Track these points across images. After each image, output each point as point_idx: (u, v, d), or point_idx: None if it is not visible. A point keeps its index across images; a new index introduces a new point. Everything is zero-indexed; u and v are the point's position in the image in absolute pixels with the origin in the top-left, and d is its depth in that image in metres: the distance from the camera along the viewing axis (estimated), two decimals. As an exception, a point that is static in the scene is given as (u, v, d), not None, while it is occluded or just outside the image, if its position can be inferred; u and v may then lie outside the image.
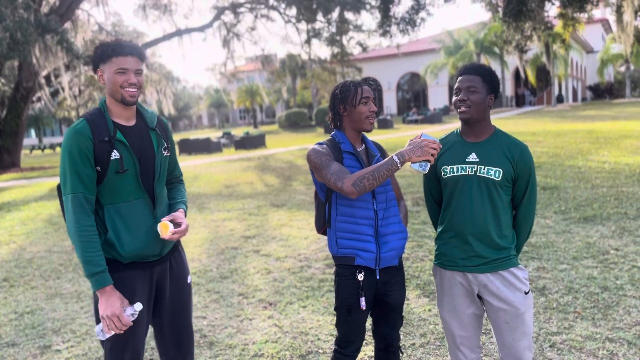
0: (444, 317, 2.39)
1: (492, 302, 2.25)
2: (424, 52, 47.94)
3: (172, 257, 2.33)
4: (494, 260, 2.22)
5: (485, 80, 2.22)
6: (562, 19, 16.39)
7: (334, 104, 2.40)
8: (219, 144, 24.16)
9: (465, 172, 2.24)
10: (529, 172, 2.24)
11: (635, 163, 10.21)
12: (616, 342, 3.31)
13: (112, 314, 2.04)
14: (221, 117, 68.30)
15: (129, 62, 2.11)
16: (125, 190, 2.14)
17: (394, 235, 2.37)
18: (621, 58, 42.08)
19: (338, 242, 2.35)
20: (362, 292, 2.32)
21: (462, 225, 2.24)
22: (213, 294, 4.79)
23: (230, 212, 8.68)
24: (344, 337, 2.42)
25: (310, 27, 24.30)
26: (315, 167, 2.29)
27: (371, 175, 2.13)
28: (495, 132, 2.29)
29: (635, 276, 4.39)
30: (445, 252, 2.32)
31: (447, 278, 2.34)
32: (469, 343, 2.36)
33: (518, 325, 2.23)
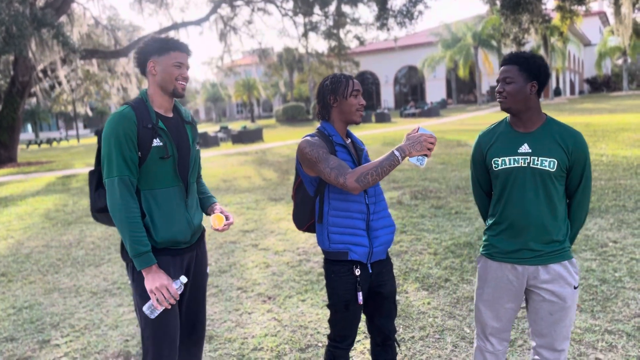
0: (479, 306, 2.35)
1: (540, 294, 2.21)
2: (422, 46, 47.85)
3: (198, 247, 2.39)
4: (548, 253, 2.18)
5: (522, 69, 2.15)
6: (559, 11, 16.37)
7: (323, 95, 2.38)
8: (216, 138, 24.10)
9: (518, 163, 2.17)
10: (584, 160, 2.17)
11: (632, 156, 10.22)
12: (615, 334, 3.31)
13: (160, 285, 2.11)
14: (218, 111, 68.13)
15: (186, 58, 2.25)
16: (163, 176, 2.21)
17: (384, 230, 2.38)
18: (619, 51, 42.08)
19: (330, 237, 2.32)
20: (360, 287, 2.32)
21: (515, 218, 2.19)
22: (212, 288, 4.79)
23: (228, 206, 8.66)
24: (340, 333, 2.40)
25: (307, 21, 24.21)
26: (310, 160, 2.25)
27: (375, 171, 2.13)
28: (547, 121, 2.21)
29: (634, 268, 4.40)
30: (495, 243, 2.27)
31: (493, 269, 2.28)
32: (500, 335, 2.34)
33: (562, 318, 2.20)
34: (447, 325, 3.64)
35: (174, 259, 2.25)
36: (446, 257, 5.09)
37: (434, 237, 5.80)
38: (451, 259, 5.01)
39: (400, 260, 5.10)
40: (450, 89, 48.22)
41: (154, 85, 2.25)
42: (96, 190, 2.32)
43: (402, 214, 6.98)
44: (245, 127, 27.35)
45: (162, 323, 2.20)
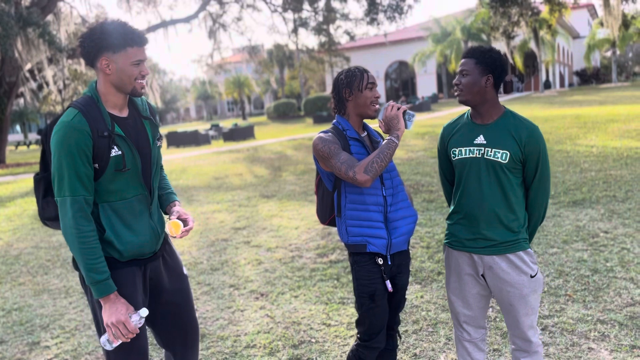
0: (449, 295, 2.41)
1: (496, 284, 2.25)
2: (412, 40, 47.85)
3: (164, 251, 2.26)
4: (502, 243, 2.21)
5: (479, 62, 2.18)
6: (548, 4, 16.40)
7: (338, 89, 2.38)
8: (207, 136, 23.99)
9: (473, 154, 2.23)
10: (538, 153, 2.19)
11: (622, 147, 10.27)
12: (607, 324, 3.32)
13: (117, 321, 1.94)
14: (209, 109, 67.87)
15: (144, 52, 2.00)
16: (124, 187, 2.02)
17: (404, 220, 2.36)
18: (607, 43, 42.30)
19: (348, 230, 2.32)
20: (386, 275, 2.31)
21: (470, 207, 2.24)
22: (204, 286, 4.75)
23: (219, 203, 8.62)
24: (369, 329, 2.35)
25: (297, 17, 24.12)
26: (324, 156, 2.26)
27: (379, 158, 2.17)
28: (505, 114, 2.24)
29: (625, 258, 4.41)
30: (453, 232, 2.33)
31: (454, 257, 2.35)
32: (473, 322, 2.38)
33: (521, 307, 2.24)
34: (440, 318, 3.64)
35: (139, 269, 2.11)
36: (438, 251, 5.08)
37: (427, 231, 5.79)
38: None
39: (392, 255, 5.09)
40: (441, 83, 48.29)
41: (108, 84, 1.99)
42: (44, 198, 2.11)
43: (394, 209, 6.96)
44: (236, 125, 27.26)
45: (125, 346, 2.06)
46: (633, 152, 9.56)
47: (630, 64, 53.01)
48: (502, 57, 2.21)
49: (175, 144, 23.35)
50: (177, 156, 18.18)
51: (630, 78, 49.58)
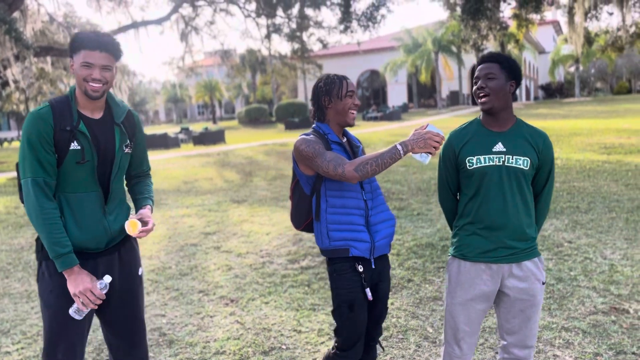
0: (451, 310, 2.33)
1: (512, 292, 2.23)
2: (384, 50, 48.38)
3: (121, 248, 2.29)
4: (522, 251, 2.21)
5: (503, 67, 2.18)
6: (516, 19, 16.85)
7: (317, 97, 2.35)
8: (176, 139, 23.68)
9: (493, 162, 2.19)
10: (551, 160, 2.24)
11: (585, 159, 10.59)
12: (571, 331, 3.40)
13: (84, 289, 2.06)
14: (179, 113, 67.04)
15: (96, 57, 2.07)
16: (78, 182, 2.13)
17: (385, 223, 2.36)
18: (571, 59, 43.64)
19: (330, 234, 2.28)
20: (366, 283, 2.28)
21: (491, 216, 2.19)
22: (172, 291, 4.68)
23: (189, 208, 8.51)
24: (347, 339, 2.32)
25: (270, 22, 24.09)
26: (308, 156, 2.22)
27: (374, 162, 2.10)
28: (518, 122, 2.25)
29: (588, 267, 4.54)
30: (470, 243, 2.25)
31: (466, 270, 2.27)
32: (470, 339, 2.33)
33: (532, 314, 2.25)
34: (411, 325, 3.67)
35: (87, 262, 2.17)
36: (409, 258, 5.13)
37: (397, 239, 5.84)
38: (414, 260, 5.05)
39: (363, 262, 5.11)
40: (411, 93, 48.91)
41: (77, 86, 2.16)
42: None
43: (365, 216, 7.00)
44: (206, 129, 27.01)
45: (61, 327, 2.14)
46: (595, 164, 9.87)
47: (593, 80, 54.79)
48: (519, 66, 2.23)
49: (144, 147, 22.93)
50: (146, 159, 17.87)
51: (592, 93, 51.25)
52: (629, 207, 6.49)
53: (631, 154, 10.94)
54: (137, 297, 2.34)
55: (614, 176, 8.60)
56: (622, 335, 3.31)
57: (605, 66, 48.72)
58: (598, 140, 13.61)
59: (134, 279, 2.33)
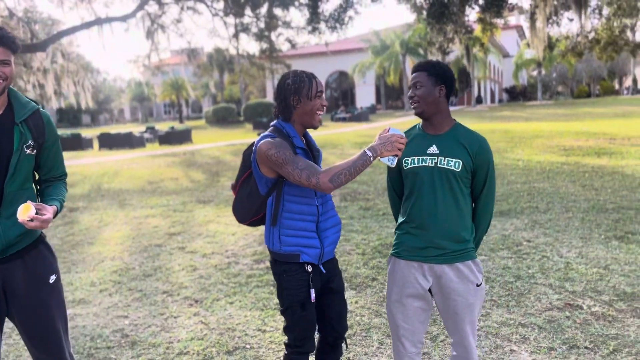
0: (390, 307, 2.39)
1: (443, 293, 2.28)
2: (352, 52, 48.66)
3: (25, 255, 2.18)
4: (452, 252, 2.24)
5: (430, 74, 2.25)
6: (480, 23, 17.21)
7: (284, 96, 2.26)
8: (142, 138, 23.30)
9: (426, 163, 2.26)
10: (487, 164, 2.27)
11: (545, 161, 10.92)
12: (528, 327, 3.52)
13: None
14: (145, 111, 65.92)
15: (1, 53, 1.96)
16: None
17: (333, 229, 2.39)
18: (534, 63, 44.84)
19: (282, 239, 2.29)
20: (312, 284, 2.30)
21: (422, 216, 2.26)
22: (135, 292, 4.62)
23: (153, 208, 8.39)
24: (300, 335, 2.34)
25: (238, 22, 23.95)
26: (276, 162, 2.16)
27: (347, 171, 2.09)
28: (456, 125, 2.32)
29: (545, 265, 4.69)
30: (404, 241, 2.33)
31: (400, 268, 2.34)
32: (411, 337, 2.36)
33: (466, 315, 2.28)
34: (374, 323, 3.72)
35: None
36: (373, 257, 5.20)
37: (362, 238, 5.90)
38: (378, 259, 5.12)
39: (328, 261, 5.15)
40: (379, 94, 49.36)
41: None
42: None
43: (332, 216, 7.05)
44: (173, 128, 26.65)
45: None
46: (554, 166, 10.18)
47: (555, 84, 56.39)
48: (450, 70, 2.31)
49: (108, 146, 22.50)
50: (110, 159, 17.54)
51: (554, 97, 52.74)
52: (585, 207, 6.72)
53: (588, 155, 11.33)
54: (48, 306, 2.22)
55: (571, 177, 8.90)
56: (576, 330, 3.44)
57: (566, 71, 50.23)
58: (558, 142, 14.04)
59: (42, 287, 2.20)
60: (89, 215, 8.11)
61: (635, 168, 9.43)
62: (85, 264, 5.55)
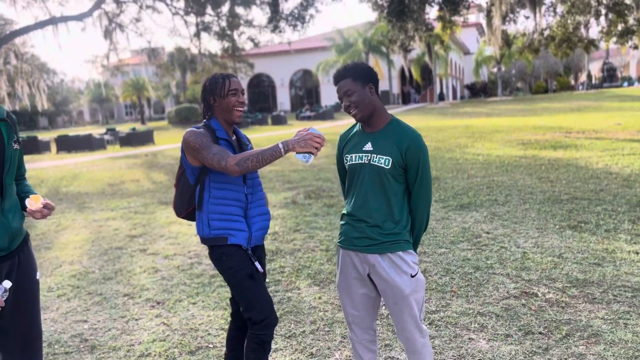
0: (340, 295, 2.50)
1: (379, 283, 2.35)
2: (316, 50, 48.77)
3: (20, 252, 2.21)
4: (383, 243, 2.31)
5: (355, 78, 2.29)
6: (440, 21, 17.49)
7: (204, 96, 2.46)
8: (102, 140, 22.78)
9: (362, 160, 2.34)
10: (418, 160, 2.30)
11: (504, 155, 11.20)
12: (486, 316, 3.61)
13: None
14: (105, 113, 64.41)
15: None
16: None
17: (260, 217, 2.53)
18: (494, 60, 45.89)
19: (210, 223, 2.43)
20: (254, 258, 2.45)
21: (356, 208, 2.35)
22: (95, 296, 4.53)
23: (114, 211, 8.23)
24: (262, 307, 2.42)
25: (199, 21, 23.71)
26: (195, 148, 2.32)
27: (255, 158, 2.21)
28: (391, 122, 2.35)
29: (503, 256, 4.82)
30: (343, 231, 2.44)
31: (342, 257, 2.45)
32: (361, 323, 2.45)
33: (405, 307, 2.33)
34: (337, 317, 3.75)
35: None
36: (337, 253, 5.22)
37: (326, 235, 5.94)
38: (341, 255, 5.16)
39: (293, 258, 5.16)
40: (343, 94, 49.61)
41: None
42: None
43: (296, 213, 7.07)
44: (134, 129, 26.16)
45: None
46: (513, 160, 10.46)
47: (514, 80, 57.81)
48: (369, 66, 2.38)
49: (67, 149, 21.90)
50: (69, 162, 17.09)
51: (513, 93, 54.09)
52: (541, 199, 6.93)
53: (545, 149, 11.68)
54: (35, 305, 2.27)
55: (529, 170, 9.16)
56: (531, 317, 3.55)
57: (525, 67, 51.59)
58: (517, 137, 14.42)
59: (32, 283, 2.24)
60: (45, 220, 7.88)
61: (589, 160, 9.78)
62: (42, 269, 5.40)
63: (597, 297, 3.81)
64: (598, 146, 11.46)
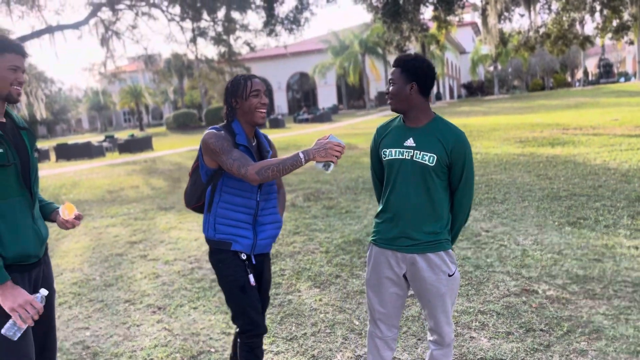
0: (367, 291, 2.48)
1: (415, 282, 2.35)
2: (312, 53, 48.82)
3: (44, 259, 2.22)
4: (424, 243, 2.29)
5: (403, 71, 2.27)
6: (436, 21, 17.54)
7: (226, 98, 2.44)
8: (101, 147, 22.78)
9: (403, 156, 2.29)
10: (464, 158, 2.28)
11: (502, 153, 11.21)
12: (487, 314, 3.62)
13: (24, 302, 1.93)
14: (103, 120, 64.44)
15: (22, 61, 2.04)
16: (5, 187, 1.99)
17: (271, 225, 2.50)
18: (490, 58, 45.97)
19: (217, 227, 2.43)
20: (249, 269, 2.43)
21: (396, 206, 2.31)
22: (96, 303, 4.53)
23: (114, 217, 8.23)
24: (249, 318, 2.42)
25: (195, 26, 23.69)
26: (214, 151, 2.31)
27: (276, 167, 2.19)
28: (434, 119, 2.33)
29: (503, 254, 4.83)
30: (380, 230, 2.40)
31: (376, 255, 2.41)
32: (387, 320, 2.45)
33: (439, 305, 2.34)
34: (338, 319, 3.76)
35: (23, 276, 2.06)
36: (337, 255, 5.24)
37: (326, 236, 5.94)
38: (342, 256, 5.17)
39: (293, 261, 5.17)
40: (340, 94, 49.69)
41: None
42: None
43: (296, 216, 7.07)
44: (132, 136, 26.15)
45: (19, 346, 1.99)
46: (511, 157, 10.47)
47: (511, 78, 57.94)
48: (426, 64, 2.28)
49: (66, 157, 21.90)
50: (68, 169, 17.09)
51: (510, 91, 54.17)
52: (540, 196, 6.94)
53: (543, 146, 11.69)
54: (53, 312, 2.30)
55: (527, 167, 9.17)
56: (532, 314, 3.55)
57: (521, 65, 51.72)
58: (514, 134, 14.44)
59: (52, 293, 2.27)
60: (46, 228, 7.88)
61: (587, 156, 9.79)
62: (43, 277, 5.40)
63: (598, 293, 3.81)
64: (596, 142, 11.48)
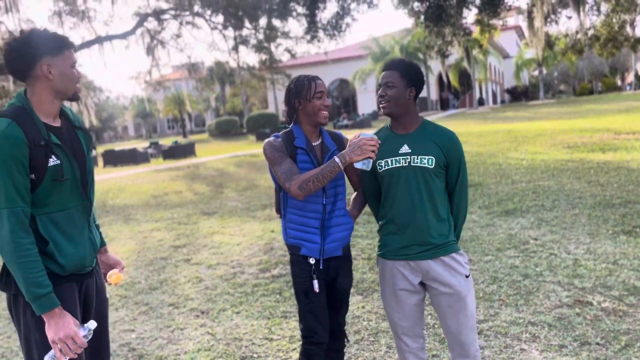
0: (386, 308, 2.43)
1: (435, 287, 2.29)
2: (352, 59, 48.79)
3: (96, 270, 2.21)
4: (435, 247, 2.26)
5: (403, 75, 2.27)
6: (479, 25, 17.21)
7: (289, 99, 2.42)
8: (146, 154, 23.39)
9: (400, 163, 2.28)
10: (459, 158, 2.30)
11: (549, 159, 10.85)
12: (538, 325, 3.47)
13: (66, 336, 1.84)
14: (148, 127, 66.24)
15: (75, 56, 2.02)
16: (63, 197, 1.95)
17: (339, 227, 2.44)
18: (534, 62, 44.80)
19: (288, 231, 2.45)
20: (315, 275, 2.40)
21: (401, 215, 2.28)
22: (142, 306, 4.60)
23: (158, 222, 8.39)
24: (308, 324, 2.42)
25: (237, 34, 24.06)
26: (269, 160, 2.36)
27: (316, 178, 2.20)
28: (423, 123, 2.34)
29: (553, 263, 4.64)
30: (387, 242, 2.36)
31: (388, 268, 2.36)
32: (411, 333, 2.40)
33: (461, 308, 2.28)
34: (381, 327, 3.68)
35: (77, 285, 2.03)
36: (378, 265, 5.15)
37: (368, 243, 5.87)
38: (384, 263, 5.08)
39: (334, 267, 5.12)
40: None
41: (47, 91, 1.94)
42: None
43: (336, 222, 7.02)
44: (176, 142, 26.73)
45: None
46: (559, 164, 10.12)
47: (556, 82, 56.27)
48: (420, 70, 2.33)
49: (113, 163, 22.59)
50: (115, 175, 17.60)
51: (556, 95, 52.61)
52: (591, 203, 6.66)
53: (593, 152, 11.26)
54: (107, 321, 2.27)
55: (577, 174, 8.83)
56: (586, 326, 3.39)
57: (568, 69, 50.15)
58: (562, 140, 13.97)
59: (105, 300, 2.25)
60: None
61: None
62: (91, 279, 5.54)
63: (658, 305, 3.61)
64: (650, 148, 10.97)
